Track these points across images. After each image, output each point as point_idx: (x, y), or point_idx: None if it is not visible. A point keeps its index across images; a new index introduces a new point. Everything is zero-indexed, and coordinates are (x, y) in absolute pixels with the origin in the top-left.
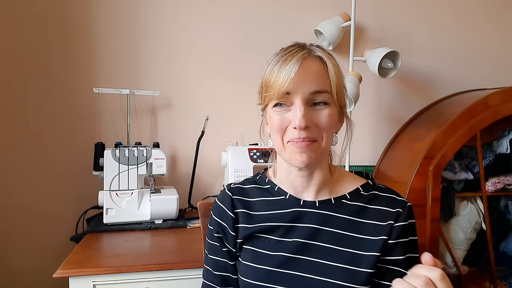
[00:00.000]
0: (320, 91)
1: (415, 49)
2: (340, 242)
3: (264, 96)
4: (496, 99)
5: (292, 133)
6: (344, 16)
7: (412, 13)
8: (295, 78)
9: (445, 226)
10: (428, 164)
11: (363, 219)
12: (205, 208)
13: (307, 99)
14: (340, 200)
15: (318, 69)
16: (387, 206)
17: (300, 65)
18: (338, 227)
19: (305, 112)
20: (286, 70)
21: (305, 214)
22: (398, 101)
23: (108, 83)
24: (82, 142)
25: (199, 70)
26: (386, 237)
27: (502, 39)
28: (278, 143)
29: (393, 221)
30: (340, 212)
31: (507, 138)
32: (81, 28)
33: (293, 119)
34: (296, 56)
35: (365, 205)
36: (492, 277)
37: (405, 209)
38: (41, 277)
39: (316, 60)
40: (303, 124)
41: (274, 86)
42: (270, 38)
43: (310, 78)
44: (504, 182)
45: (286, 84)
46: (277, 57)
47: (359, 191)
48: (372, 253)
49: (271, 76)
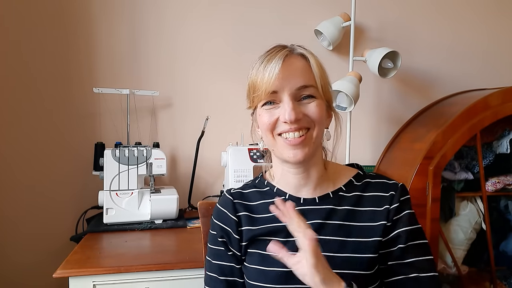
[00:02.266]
0: (306, 85)
1: (415, 49)
2: (344, 233)
3: (252, 97)
4: (496, 99)
5: (283, 126)
6: (344, 16)
7: (412, 13)
8: (280, 75)
9: (445, 226)
10: (428, 164)
11: (361, 208)
12: (205, 208)
13: (294, 94)
14: (338, 193)
15: (301, 65)
16: (380, 191)
17: (283, 62)
18: (340, 219)
19: (294, 106)
20: (270, 68)
21: (307, 212)
22: (398, 101)
23: (108, 83)
24: (82, 142)
25: (199, 70)
26: (385, 221)
27: (502, 39)
28: (269, 138)
29: (388, 205)
30: (339, 205)
31: (507, 138)
32: (81, 28)
33: (282, 114)
34: (278, 55)
35: (361, 194)
36: (492, 277)
37: (397, 190)
38: (41, 277)
39: (298, 57)
40: (293, 117)
41: (260, 85)
42: (270, 38)
43: (294, 74)
44: (504, 182)
45: (271, 81)
46: (261, 59)
47: (352, 182)
48: (374, 239)
49: (257, 76)
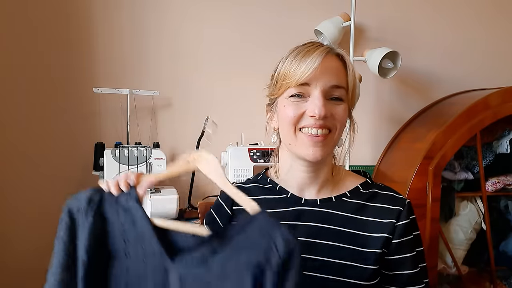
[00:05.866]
0: (339, 86)
1: (415, 49)
2: (341, 239)
3: (281, 84)
4: (496, 99)
5: (308, 120)
6: (344, 16)
7: (412, 13)
8: (317, 70)
9: (445, 226)
10: (428, 164)
11: (364, 217)
12: (205, 208)
13: (325, 91)
14: (341, 198)
15: (338, 65)
16: (387, 204)
17: (323, 58)
18: (339, 224)
19: (325, 102)
20: (309, 60)
21: (307, 212)
22: (398, 101)
23: (108, 83)
24: (82, 142)
25: (199, 70)
26: (389, 235)
27: (502, 39)
28: (290, 132)
29: (395, 220)
30: (340, 210)
31: (507, 138)
32: (81, 28)
33: (311, 108)
34: (319, 50)
35: (365, 203)
36: (492, 277)
37: (405, 207)
38: (41, 277)
39: (336, 57)
40: (323, 113)
41: (294, 74)
42: (270, 38)
43: (330, 71)
44: (504, 182)
45: (308, 72)
46: (297, 51)
47: (359, 189)
48: (373, 250)
49: (291, 66)
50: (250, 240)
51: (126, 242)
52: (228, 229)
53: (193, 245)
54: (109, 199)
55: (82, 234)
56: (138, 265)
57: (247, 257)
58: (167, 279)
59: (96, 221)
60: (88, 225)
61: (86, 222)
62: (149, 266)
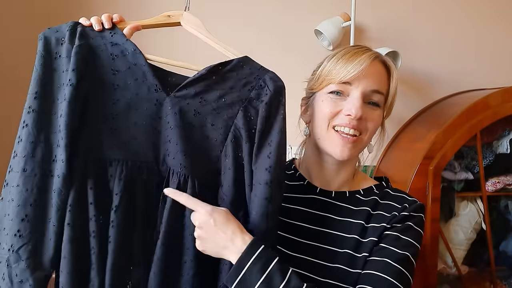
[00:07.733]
0: (379, 92)
1: (415, 49)
2: (347, 230)
3: (323, 79)
4: (496, 99)
5: (342, 119)
6: (344, 16)
7: (412, 13)
8: (362, 72)
9: (445, 226)
10: (428, 164)
11: (373, 211)
12: None
13: (365, 94)
14: (354, 194)
15: (383, 72)
16: (396, 203)
17: (370, 62)
18: (348, 216)
19: (362, 104)
20: (357, 61)
21: (320, 202)
22: (398, 101)
23: None
24: None
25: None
26: (387, 225)
27: (502, 39)
28: (323, 128)
29: (397, 212)
30: (352, 205)
31: (507, 138)
32: None
33: (348, 107)
34: (367, 53)
35: (377, 199)
36: (492, 277)
37: (412, 204)
38: None
39: (382, 64)
40: (360, 114)
41: (339, 71)
42: (270, 38)
43: (374, 76)
44: (504, 182)
45: (354, 72)
46: (345, 50)
47: (372, 189)
48: (371, 238)
49: (337, 64)
50: (242, 80)
51: (116, 74)
52: (222, 68)
53: (189, 82)
54: (92, 33)
55: (68, 63)
56: (129, 97)
57: (239, 93)
58: (160, 111)
59: (82, 49)
60: (74, 53)
61: (71, 51)
62: (142, 99)
